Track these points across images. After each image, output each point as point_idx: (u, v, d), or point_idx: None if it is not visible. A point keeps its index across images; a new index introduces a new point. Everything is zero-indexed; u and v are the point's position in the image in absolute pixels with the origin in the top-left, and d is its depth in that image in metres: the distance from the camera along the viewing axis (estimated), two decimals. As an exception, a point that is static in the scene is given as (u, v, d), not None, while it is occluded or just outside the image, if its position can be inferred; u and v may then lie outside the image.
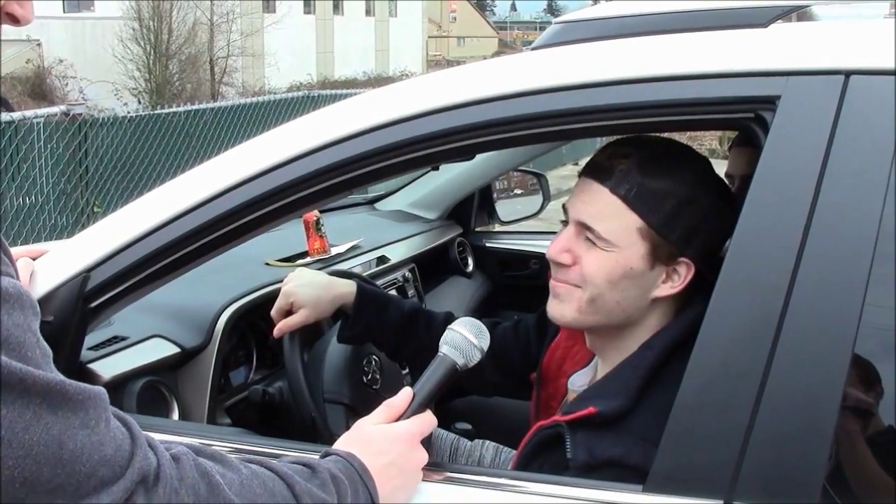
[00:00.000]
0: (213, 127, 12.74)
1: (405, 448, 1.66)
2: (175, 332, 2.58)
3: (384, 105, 1.84)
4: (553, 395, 2.13)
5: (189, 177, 1.99)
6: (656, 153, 1.86)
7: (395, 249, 3.72)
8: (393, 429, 1.69)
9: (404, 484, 1.65)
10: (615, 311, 1.88)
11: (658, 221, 1.81)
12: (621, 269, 1.84)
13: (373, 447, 1.64)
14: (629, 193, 1.82)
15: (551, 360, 2.19)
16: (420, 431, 1.71)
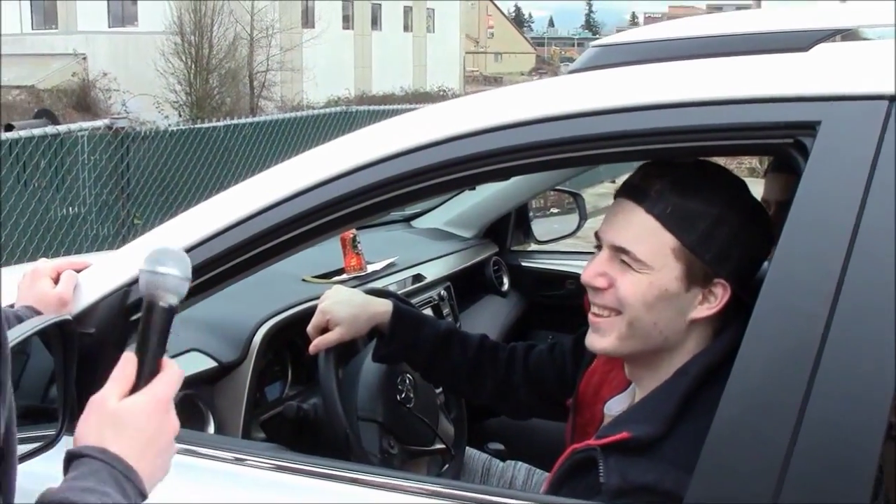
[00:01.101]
0: (252, 141, 12.81)
1: (158, 421, 1.46)
2: (212, 347, 2.59)
3: (427, 125, 1.84)
4: (590, 421, 2.13)
5: (232, 193, 2.01)
6: (691, 173, 1.86)
7: (431, 267, 3.72)
8: (140, 401, 1.46)
9: (164, 462, 1.48)
10: (653, 334, 1.87)
11: (692, 241, 1.80)
12: (656, 290, 1.83)
13: (126, 430, 1.42)
14: (663, 213, 1.81)
15: (588, 385, 2.19)
16: (167, 395, 1.50)
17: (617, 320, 1.89)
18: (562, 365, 2.39)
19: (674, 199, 1.81)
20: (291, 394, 2.88)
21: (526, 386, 2.44)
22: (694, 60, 1.72)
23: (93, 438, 1.40)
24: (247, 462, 1.99)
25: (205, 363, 2.55)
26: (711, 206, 1.80)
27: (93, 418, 1.44)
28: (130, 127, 10.77)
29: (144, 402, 1.45)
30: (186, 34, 28.64)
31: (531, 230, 4.29)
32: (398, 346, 2.50)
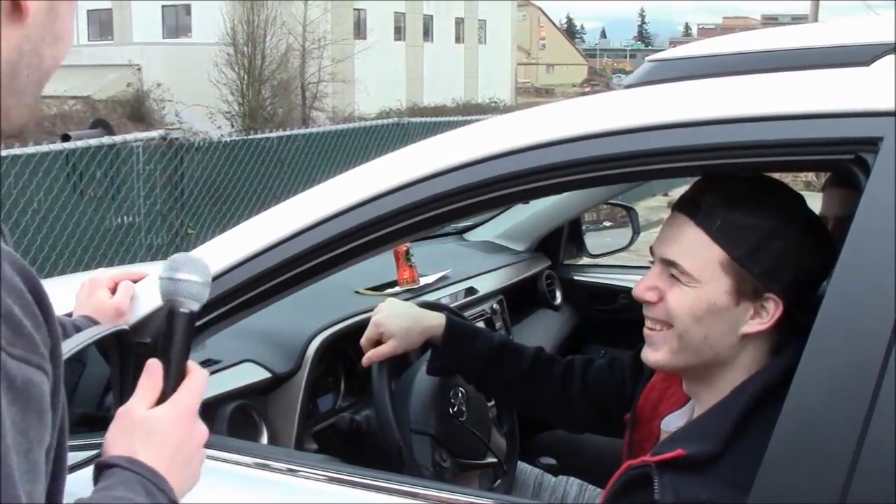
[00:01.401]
0: (304, 152, 12.87)
1: (185, 430, 1.48)
2: (266, 358, 2.61)
3: (482, 139, 1.84)
4: (646, 437, 2.12)
5: (288, 205, 2.02)
6: (743, 187, 1.84)
7: (484, 281, 3.72)
8: (168, 410, 1.48)
9: (193, 470, 1.49)
10: (704, 349, 1.86)
11: (741, 254, 1.79)
12: (704, 304, 1.82)
13: (155, 439, 1.43)
14: (713, 226, 1.81)
15: (646, 400, 2.18)
16: (193, 403, 1.52)
17: (668, 334, 1.89)
18: (620, 380, 2.39)
19: (724, 212, 1.81)
20: (344, 405, 2.89)
21: (582, 400, 2.44)
22: (752, 75, 1.70)
23: (122, 448, 1.42)
24: (299, 473, 2.00)
25: (259, 374, 2.56)
26: (763, 220, 1.79)
27: (122, 428, 1.46)
28: (184, 137, 10.90)
29: (171, 412, 1.48)
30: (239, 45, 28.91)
31: (584, 244, 4.28)
32: (451, 359, 2.50)
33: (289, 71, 30.74)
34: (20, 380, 0.97)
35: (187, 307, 1.58)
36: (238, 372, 2.52)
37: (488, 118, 2.12)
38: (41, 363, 1.01)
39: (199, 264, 1.60)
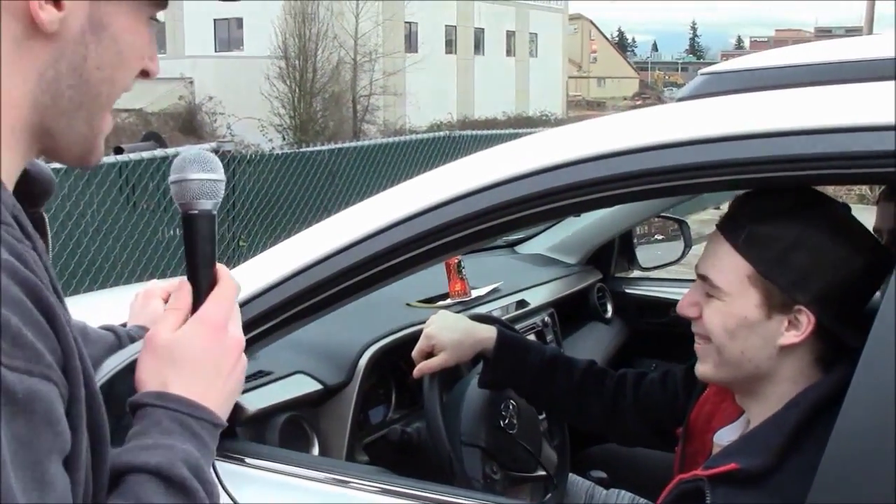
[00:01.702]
0: (355, 165, 12.91)
1: (217, 344, 1.37)
2: (318, 369, 2.62)
3: (535, 152, 1.85)
4: (699, 451, 2.11)
5: (339, 218, 2.03)
6: (776, 199, 1.84)
7: (535, 293, 3.72)
8: (193, 328, 1.36)
9: (234, 382, 1.39)
10: (743, 362, 1.87)
11: (765, 266, 1.80)
12: (735, 318, 1.84)
13: (184, 363, 1.33)
14: (739, 239, 1.83)
15: (699, 414, 2.17)
16: (221, 313, 1.39)
17: (710, 348, 1.91)
18: (673, 393, 2.38)
19: (750, 224, 1.82)
20: (395, 417, 2.90)
21: (634, 413, 2.43)
22: (805, 88, 1.69)
23: (152, 381, 1.33)
24: (350, 484, 2.01)
25: (310, 385, 2.57)
26: (786, 230, 1.79)
27: (147, 359, 1.36)
28: (236, 150, 10.94)
29: (197, 329, 1.36)
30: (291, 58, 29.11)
31: (635, 257, 4.26)
32: (503, 372, 2.51)
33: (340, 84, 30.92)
34: (22, 392, 0.96)
35: (198, 207, 1.42)
36: (290, 383, 2.54)
37: (539, 131, 2.13)
38: (46, 373, 0.99)
39: (207, 158, 1.44)
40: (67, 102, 1.15)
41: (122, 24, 1.18)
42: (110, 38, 1.17)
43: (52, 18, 1.10)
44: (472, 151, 2.06)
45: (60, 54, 1.13)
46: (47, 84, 1.13)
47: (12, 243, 1.03)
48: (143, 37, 1.23)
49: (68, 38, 1.13)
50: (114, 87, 1.21)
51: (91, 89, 1.17)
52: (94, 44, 1.15)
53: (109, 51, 1.17)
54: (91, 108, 1.18)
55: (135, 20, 1.20)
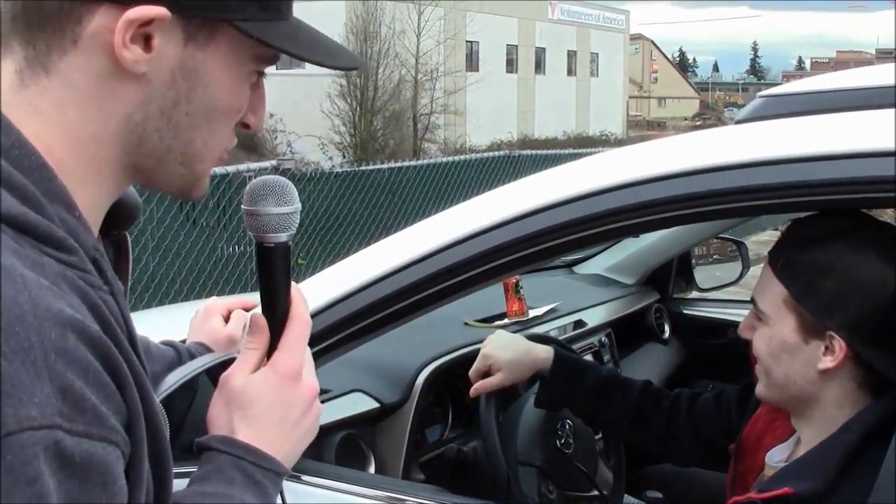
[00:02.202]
0: (415, 183, 12.95)
1: (289, 392, 1.34)
2: (375, 388, 2.63)
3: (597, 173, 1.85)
4: (750, 469, 2.11)
5: (398, 237, 2.05)
6: (812, 225, 1.87)
7: (592, 314, 3.71)
8: (265, 376, 1.34)
9: (306, 431, 1.37)
10: (788, 385, 1.90)
11: (797, 292, 1.83)
12: (777, 342, 1.88)
13: (254, 411, 1.31)
14: (777, 265, 1.87)
15: (751, 432, 2.17)
16: (294, 360, 1.35)
17: (760, 369, 1.96)
18: (727, 413, 2.38)
19: (788, 250, 1.86)
20: (451, 436, 2.90)
21: (689, 432, 2.43)
22: (863, 111, 1.69)
23: (221, 425, 1.33)
24: (406, 503, 2.02)
25: (367, 404, 2.59)
26: (818, 256, 1.81)
27: (220, 401, 1.35)
28: (296, 168, 11.01)
29: (269, 377, 1.34)
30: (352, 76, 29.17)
31: (693, 277, 4.24)
32: (560, 393, 2.51)
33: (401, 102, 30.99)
34: (79, 455, 0.95)
35: (277, 240, 1.37)
36: (347, 401, 2.55)
37: (600, 151, 2.14)
38: (107, 435, 0.98)
39: (283, 190, 1.37)
40: (157, 144, 1.14)
41: (217, 75, 1.16)
42: (203, 86, 1.15)
43: (139, 59, 1.08)
44: (531, 171, 2.08)
45: (150, 97, 1.12)
46: (135, 125, 1.12)
47: (86, 291, 1.03)
48: (239, 90, 1.20)
49: (158, 82, 1.11)
50: (211, 137, 1.19)
51: (181, 135, 1.15)
52: (185, 90, 1.14)
53: (200, 99, 1.15)
54: (184, 152, 1.17)
55: (232, 72, 1.17)
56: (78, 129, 1.09)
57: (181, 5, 1.09)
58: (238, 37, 1.14)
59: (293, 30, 1.20)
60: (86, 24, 1.06)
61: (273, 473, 1.30)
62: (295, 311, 1.39)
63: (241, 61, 1.18)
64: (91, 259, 1.07)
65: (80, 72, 1.08)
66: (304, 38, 1.21)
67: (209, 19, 1.13)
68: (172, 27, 1.10)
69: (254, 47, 1.17)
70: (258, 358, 1.36)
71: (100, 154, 1.11)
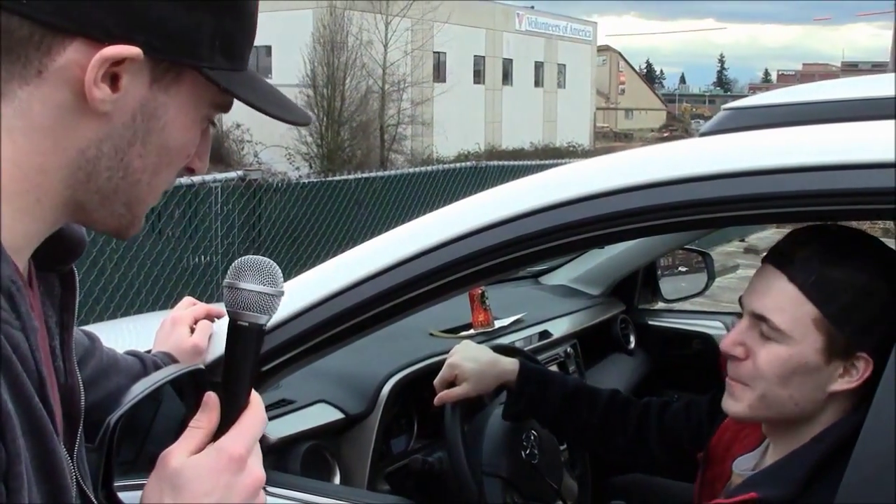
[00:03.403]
0: (382, 194, 12.94)
1: (228, 481, 1.24)
2: (340, 399, 2.63)
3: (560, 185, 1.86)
4: (718, 477, 2.11)
5: (365, 248, 2.04)
6: (838, 241, 1.84)
7: (558, 324, 3.72)
8: (206, 460, 1.25)
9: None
10: (788, 407, 1.85)
11: (834, 312, 1.77)
12: (794, 363, 1.81)
13: (185, 495, 1.22)
14: (807, 282, 1.79)
15: (720, 441, 2.18)
16: (241, 447, 1.26)
17: (748, 391, 1.89)
18: (697, 423, 2.38)
19: (818, 267, 1.80)
20: (417, 447, 2.90)
21: (659, 442, 2.44)
22: (828, 125, 1.70)
23: (153, 501, 1.24)
24: (372, 513, 2.02)
25: (333, 414, 2.58)
26: (857, 277, 1.77)
27: (154, 480, 1.26)
28: (263, 178, 10.97)
29: (210, 461, 1.25)
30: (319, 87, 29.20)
31: (659, 288, 4.25)
32: (526, 405, 2.52)
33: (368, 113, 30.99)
34: None
35: (248, 320, 1.30)
36: (312, 412, 2.55)
37: (566, 162, 2.14)
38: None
39: (268, 269, 1.32)
40: (104, 182, 1.13)
41: (175, 119, 1.15)
42: (159, 129, 1.14)
43: (106, 98, 1.07)
44: (499, 181, 2.08)
45: (107, 135, 1.10)
46: (86, 161, 1.10)
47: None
48: (192, 135, 1.20)
49: (118, 121, 1.10)
50: (155, 178, 1.18)
51: (130, 176, 1.14)
52: (142, 132, 1.13)
53: (155, 142, 1.15)
54: (129, 193, 1.16)
55: (189, 117, 1.17)
56: (26, 158, 1.07)
57: (154, 47, 1.09)
58: (201, 83, 1.15)
59: (250, 80, 1.21)
60: (55, 56, 1.05)
61: None
62: (255, 402, 1.32)
63: (199, 107, 1.18)
64: (5, 291, 1.03)
65: (41, 103, 1.07)
66: (260, 88, 1.23)
67: (177, 63, 1.12)
68: (141, 68, 1.09)
69: (213, 95, 1.18)
70: (202, 438, 1.28)
71: (42, 186, 1.09)
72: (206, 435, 1.28)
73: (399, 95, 32.78)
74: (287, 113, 1.24)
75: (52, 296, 1.27)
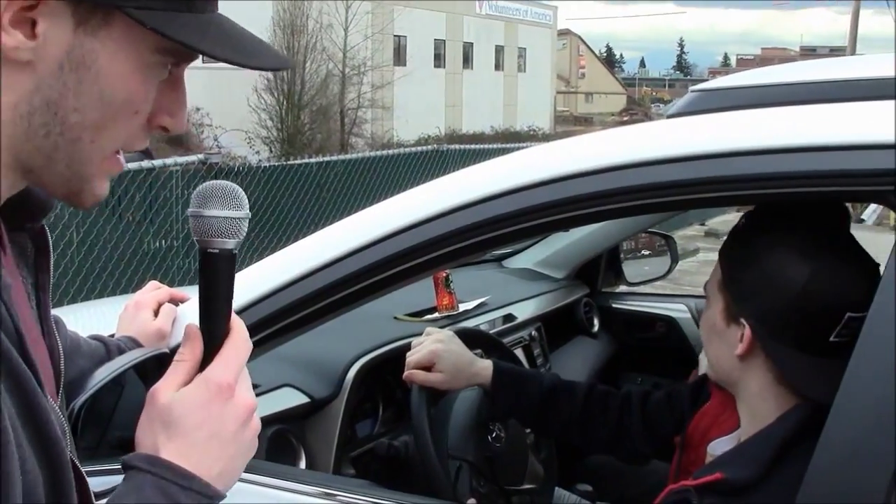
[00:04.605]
0: (343, 178, 12.93)
1: (219, 409, 1.23)
2: (305, 383, 2.62)
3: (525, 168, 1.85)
4: (694, 461, 2.13)
5: (328, 231, 2.03)
6: (756, 217, 1.92)
7: (522, 308, 3.72)
8: (194, 391, 1.23)
9: (239, 450, 1.25)
10: (716, 366, 1.99)
11: (725, 277, 1.91)
12: (709, 323, 1.97)
13: (179, 429, 1.21)
14: (724, 249, 1.95)
15: (698, 425, 2.19)
16: (228, 375, 1.24)
17: None
18: (680, 411, 2.39)
19: (731, 238, 1.95)
20: (382, 431, 2.89)
21: (642, 431, 2.45)
22: (794, 106, 1.70)
23: (147, 444, 1.22)
24: (337, 498, 2.01)
25: (297, 399, 2.58)
26: (747, 247, 1.88)
27: (146, 418, 1.24)
28: (223, 162, 10.93)
29: (199, 392, 1.23)
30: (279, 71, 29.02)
31: (622, 272, 4.26)
32: (504, 406, 2.53)
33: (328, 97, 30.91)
34: None
35: (217, 247, 1.27)
36: (277, 397, 2.54)
37: (528, 146, 2.14)
38: None
39: (231, 192, 1.28)
40: (42, 140, 1.05)
41: (110, 68, 1.06)
42: (92, 79, 1.05)
43: (21, 46, 1.00)
44: (460, 165, 2.07)
45: (36, 88, 1.03)
46: (20, 117, 1.03)
47: None
48: (136, 86, 1.09)
49: (44, 72, 1.02)
50: (99, 136, 1.09)
51: (68, 132, 1.06)
52: (73, 83, 1.04)
53: (91, 94, 1.05)
54: (70, 152, 1.07)
55: (128, 65, 1.07)
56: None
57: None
58: (135, 26, 1.04)
59: (203, 24, 1.10)
60: None
61: (200, 496, 1.19)
62: (236, 327, 1.29)
63: (140, 53, 1.07)
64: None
65: None
66: (215, 32, 1.11)
67: (101, 4, 1.03)
68: (61, 11, 1.01)
69: (158, 39, 1.06)
70: (188, 371, 1.25)
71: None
72: (191, 367, 1.26)
73: (359, 79, 32.69)
74: (246, 58, 1.13)
75: (26, 256, 1.23)
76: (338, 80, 31.64)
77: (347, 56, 31.92)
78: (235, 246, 1.27)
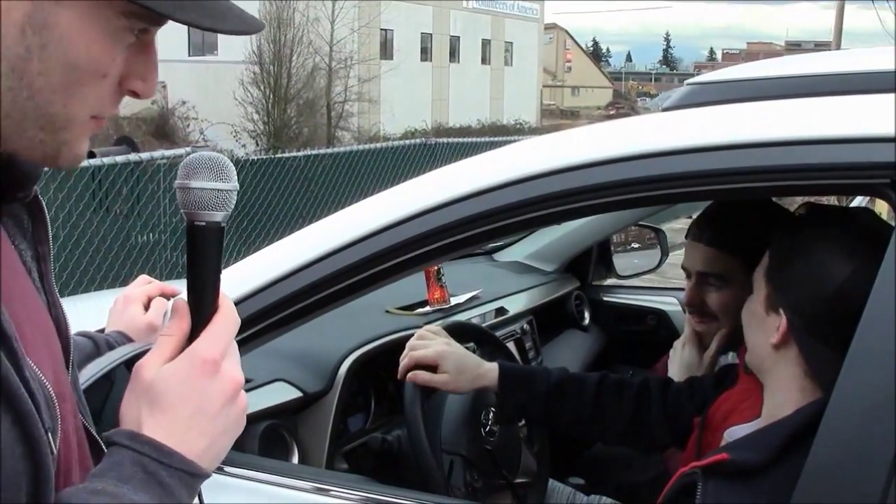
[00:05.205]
0: (330, 172, 12.92)
1: (203, 385, 1.20)
2: (298, 377, 2.61)
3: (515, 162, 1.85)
4: (710, 444, 2.12)
5: (319, 226, 2.03)
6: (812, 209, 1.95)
7: (514, 301, 3.72)
8: (179, 367, 1.20)
9: (225, 427, 1.22)
10: (751, 353, 1.97)
11: (771, 266, 1.89)
12: (750, 309, 1.96)
13: (161, 405, 1.18)
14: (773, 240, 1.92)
15: (718, 409, 2.20)
16: (215, 350, 1.21)
17: None
18: (702, 399, 2.37)
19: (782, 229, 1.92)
20: (375, 425, 2.88)
21: (664, 422, 2.43)
22: (789, 100, 1.70)
23: (130, 419, 1.19)
24: (330, 493, 2.01)
25: (290, 393, 2.57)
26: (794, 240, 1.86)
27: (130, 394, 1.21)
28: (210, 155, 10.93)
29: (183, 368, 1.20)
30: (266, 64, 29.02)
31: (613, 265, 4.28)
32: (512, 406, 2.51)
33: (314, 90, 30.85)
34: None
35: (209, 219, 1.24)
36: (269, 391, 2.53)
37: (515, 139, 2.13)
38: None
39: (218, 164, 1.25)
40: (10, 105, 1.03)
41: (74, 31, 1.03)
42: (56, 43, 1.03)
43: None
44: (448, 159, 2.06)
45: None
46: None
47: None
48: (101, 49, 1.06)
49: (6, 35, 1.00)
50: (71, 100, 1.07)
51: (36, 96, 1.04)
52: (36, 47, 1.02)
53: (56, 57, 1.03)
54: (42, 115, 1.06)
55: (93, 28, 1.05)
56: None
57: None
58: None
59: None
60: None
61: (183, 473, 1.16)
62: (223, 303, 1.26)
63: (105, 16, 1.05)
64: None
65: None
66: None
67: None
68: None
69: (123, 3, 1.04)
70: (174, 346, 1.23)
71: None
72: (178, 342, 1.23)
73: (346, 72, 32.64)
74: (215, 21, 1.09)
75: (23, 229, 1.22)
76: (324, 74, 31.60)
77: (334, 49, 31.86)
78: (223, 219, 1.25)
